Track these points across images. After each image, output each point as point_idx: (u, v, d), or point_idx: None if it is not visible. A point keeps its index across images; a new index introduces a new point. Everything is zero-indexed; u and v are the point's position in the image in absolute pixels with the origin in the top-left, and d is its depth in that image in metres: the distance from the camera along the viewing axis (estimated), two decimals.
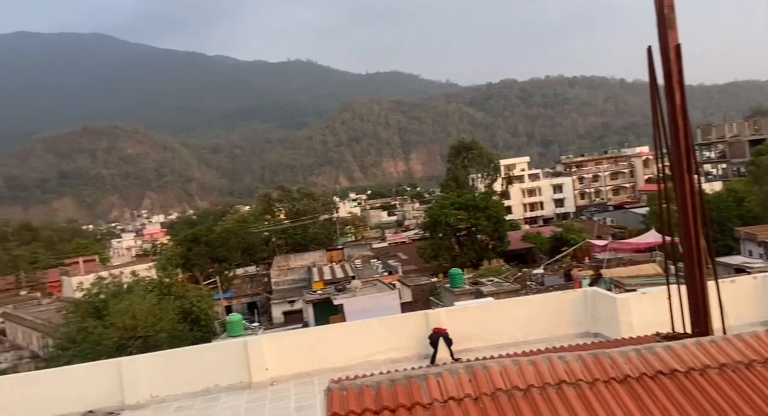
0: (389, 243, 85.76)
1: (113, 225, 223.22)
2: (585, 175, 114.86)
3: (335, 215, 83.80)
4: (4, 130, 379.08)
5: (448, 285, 32.83)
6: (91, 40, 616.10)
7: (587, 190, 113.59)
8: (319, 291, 39.12)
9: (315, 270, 51.79)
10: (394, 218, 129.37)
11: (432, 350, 13.39)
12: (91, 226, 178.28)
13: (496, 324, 14.24)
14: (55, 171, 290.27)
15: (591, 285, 28.93)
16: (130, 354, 22.40)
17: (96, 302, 30.17)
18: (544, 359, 5.08)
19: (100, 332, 26.65)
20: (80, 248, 78.06)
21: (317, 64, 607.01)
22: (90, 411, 12.56)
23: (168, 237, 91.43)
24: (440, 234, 58.25)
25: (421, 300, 37.43)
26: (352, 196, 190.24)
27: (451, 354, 13.35)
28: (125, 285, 31.84)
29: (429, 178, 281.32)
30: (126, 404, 12.71)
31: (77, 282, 42.02)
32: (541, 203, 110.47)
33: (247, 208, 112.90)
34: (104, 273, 37.24)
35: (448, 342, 13.47)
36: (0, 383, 14.19)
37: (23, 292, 58.03)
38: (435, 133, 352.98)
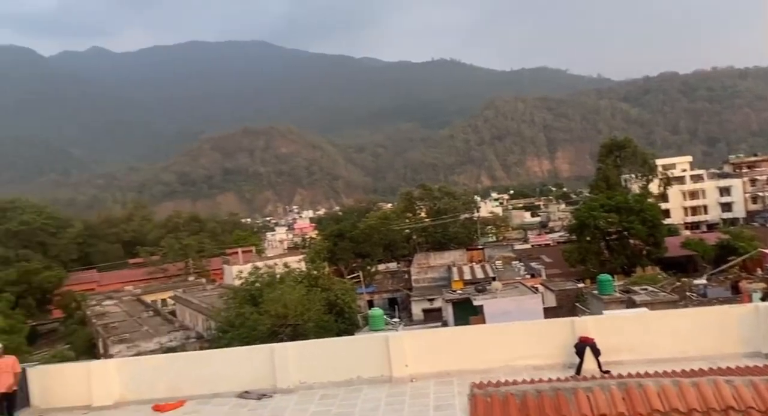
0: (532, 245, 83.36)
1: (268, 219, 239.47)
2: (758, 177, 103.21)
3: (476, 214, 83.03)
4: (177, 131, 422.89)
5: (595, 292, 31.21)
6: (251, 47, 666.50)
7: (761, 194, 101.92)
8: (458, 291, 39.05)
9: (455, 269, 51.69)
10: (537, 219, 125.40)
11: (577, 360, 12.79)
12: (249, 220, 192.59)
13: (650, 336, 13.26)
14: (220, 168, 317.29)
15: (763, 299, 25.99)
16: (281, 340, 23.92)
17: (252, 290, 32.50)
18: (708, 381, 4.65)
19: (255, 318, 28.70)
20: (239, 239, 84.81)
21: (461, 62, 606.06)
22: (246, 392, 13.60)
23: (316, 231, 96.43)
24: (588, 238, 55.41)
25: (566, 306, 35.90)
26: (494, 195, 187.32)
27: (599, 366, 12.67)
28: (278, 276, 33.92)
29: (576, 177, 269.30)
30: (278, 387, 13.60)
31: (236, 271, 45.78)
32: (705, 207, 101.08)
33: (389, 205, 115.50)
34: (260, 264, 40.17)
35: (596, 353, 12.79)
36: (173, 360, 15.88)
37: (191, 278, 64.13)
38: (583, 130, 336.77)
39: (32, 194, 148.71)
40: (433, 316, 44.12)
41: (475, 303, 31.41)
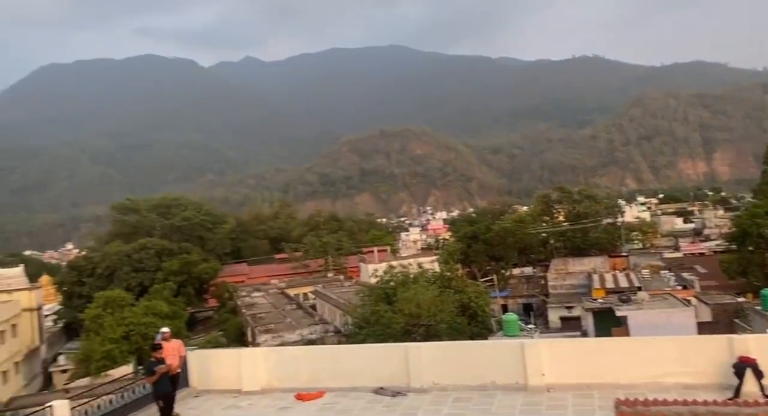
0: (684, 254, 76.83)
1: (402, 219, 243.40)
2: None
3: (620, 219, 78.33)
4: (319, 134, 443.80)
5: (758, 308, 28.20)
6: (389, 51, 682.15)
7: None
8: (599, 300, 37.16)
9: (596, 276, 49.26)
10: (691, 226, 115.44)
11: (736, 381, 11.66)
12: (384, 220, 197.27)
13: None
14: (357, 169, 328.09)
15: None
16: (414, 340, 24.22)
17: (387, 288, 33.13)
18: None
19: (389, 316, 29.25)
20: (375, 239, 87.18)
21: (604, 58, 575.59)
22: (381, 387, 13.97)
23: (449, 233, 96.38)
24: (750, 248, 49.99)
25: (723, 321, 32.78)
26: (641, 199, 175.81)
27: (762, 390, 11.47)
28: (411, 276, 34.32)
29: (737, 181, 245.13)
30: (411, 386, 13.82)
31: (372, 269, 47.10)
32: None
33: (525, 208, 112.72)
34: (394, 263, 40.97)
35: (758, 375, 11.59)
36: (314, 352, 16.75)
37: (330, 274, 66.95)
38: (746, 129, 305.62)
39: (193, 193, 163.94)
40: (571, 325, 42.37)
41: (619, 313, 29.67)
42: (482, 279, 54.82)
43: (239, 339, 42.08)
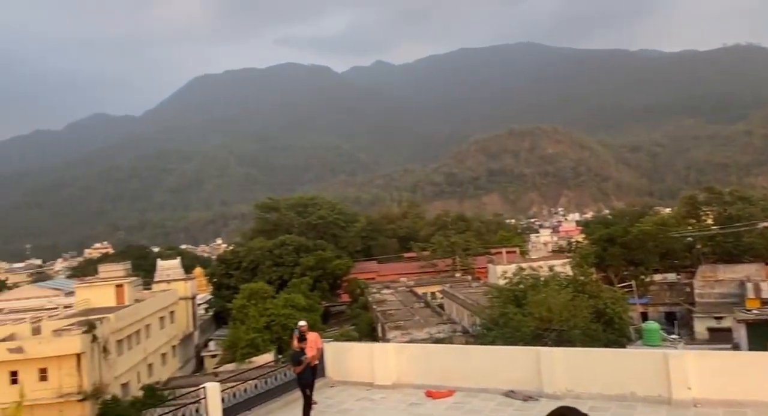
0: None
1: (532, 220, 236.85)
2: None
3: None
4: (446, 134, 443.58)
5: None
6: (518, 48, 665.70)
7: None
8: (754, 311, 33.76)
9: (750, 285, 44.70)
10: None
11: None
12: (513, 220, 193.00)
13: None
14: (485, 169, 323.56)
15: None
16: (545, 344, 23.52)
17: (516, 291, 32.50)
18: None
19: (518, 319, 28.66)
20: (503, 240, 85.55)
21: (760, 46, 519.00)
22: (511, 391, 13.71)
23: (583, 235, 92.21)
24: None
25: None
26: None
27: None
28: (542, 279, 33.37)
29: None
30: (544, 392, 13.43)
31: (501, 271, 46.35)
32: None
33: (667, 210, 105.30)
34: (524, 265, 40.03)
35: None
36: (444, 351, 16.81)
37: (457, 274, 66.82)
38: None
39: (326, 192, 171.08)
40: (720, 337, 38.84)
41: None
42: (619, 285, 51.88)
43: (370, 334, 43.25)
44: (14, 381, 30.28)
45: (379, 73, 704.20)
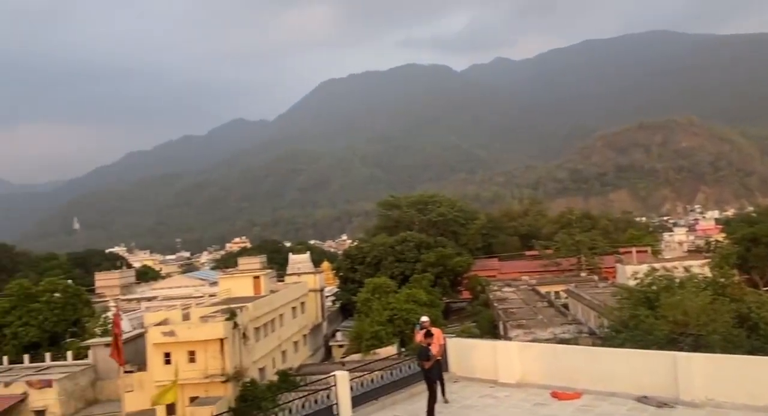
0: None
1: (665, 218, 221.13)
2: None
3: None
4: (569, 130, 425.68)
5: None
6: (649, 37, 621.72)
7: None
8: None
9: None
10: None
11: None
12: (643, 218, 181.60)
13: None
14: (612, 165, 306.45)
15: None
16: (681, 349, 21.85)
17: (648, 292, 30.52)
18: None
19: (651, 322, 26.92)
20: (633, 238, 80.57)
21: None
22: (644, 396, 12.91)
23: (723, 234, 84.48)
24: None
25: None
26: None
27: None
28: (677, 280, 31.11)
29: None
30: (680, 399, 12.51)
31: (631, 271, 43.72)
32: None
33: None
34: (656, 265, 37.43)
35: None
36: (570, 352, 16.17)
37: (583, 274, 63.90)
38: None
39: (446, 190, 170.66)
40: None
41: None
42: (765, 288, 47.01)
43: (491, 331, 42.67)
44: (167, 362, 33.31)
45: (499, 69, 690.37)
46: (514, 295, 50.31)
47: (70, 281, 53.03)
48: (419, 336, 14.00)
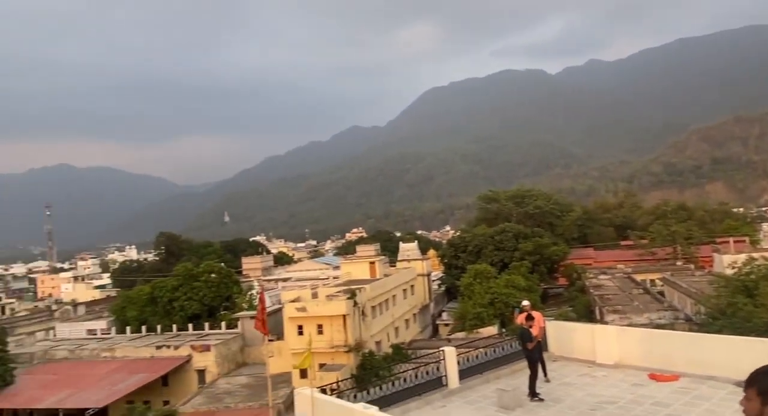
0: None
1: (763, 209, 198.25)
2: None
3: None
4: (663, 125, 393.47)
5: None
6: (744, 33, 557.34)
7: None
8: None
9: None
10: None
11: None
12: (741, 209, 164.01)
13: None
14: (708, 158, 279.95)
15: None
16: None
17: (746, 281, 27.86)
18: None
19: (749, 310, 24.55)
20: (730, 229, 73.21)
21: None
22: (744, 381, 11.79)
23: None
24: None
25: None
26: None
27: None
28: None
29: None
30: None
31: (728, 260, 39.79)
32: None
33: None
34: (755, 255, 33.79)
35: None
36: (668, 336, 15.04)
37: (678, 263, 59.03)
38: None
39: (542, 185, 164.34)
40: None
41: None
42: None
43: (587, 316, 40.64)
44: (300, 333, 35.08)
45: (592, 71, 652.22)
46: (609, 282, 47.52)
47: (222, 264, 57.19)
48: (520, 319, 13.71)
